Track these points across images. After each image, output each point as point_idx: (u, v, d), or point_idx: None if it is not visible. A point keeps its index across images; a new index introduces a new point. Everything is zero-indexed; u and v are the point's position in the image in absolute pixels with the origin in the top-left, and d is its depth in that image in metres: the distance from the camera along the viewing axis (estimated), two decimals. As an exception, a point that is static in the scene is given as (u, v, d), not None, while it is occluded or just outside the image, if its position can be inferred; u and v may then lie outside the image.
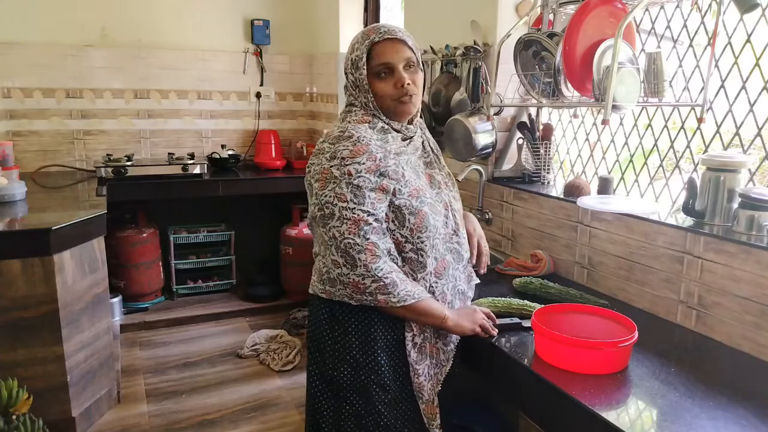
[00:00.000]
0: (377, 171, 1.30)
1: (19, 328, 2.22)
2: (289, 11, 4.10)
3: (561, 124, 2.32)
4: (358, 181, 1.28)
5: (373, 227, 1.29)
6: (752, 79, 1.61)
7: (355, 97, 1.39)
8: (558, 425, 1.27)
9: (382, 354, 1.37)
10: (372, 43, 1.33)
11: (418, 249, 1.35)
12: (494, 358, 1.44)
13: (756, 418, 1.13)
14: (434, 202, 1.39)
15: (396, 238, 1.34)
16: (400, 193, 1.32)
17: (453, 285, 1.44)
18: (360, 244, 1.27)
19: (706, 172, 1.56)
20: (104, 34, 3.66)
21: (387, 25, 1.36)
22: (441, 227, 1.39)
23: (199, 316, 3.64)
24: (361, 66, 1.34)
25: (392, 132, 1.38)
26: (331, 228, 1.29)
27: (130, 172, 3.39)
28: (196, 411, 2.64)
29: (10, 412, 1.88)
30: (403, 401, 1.40)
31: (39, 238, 2.20)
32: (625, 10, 1.75)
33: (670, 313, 1.63)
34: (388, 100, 1.36)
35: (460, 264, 1.47)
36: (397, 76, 1.34)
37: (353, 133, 1.32)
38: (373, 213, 1.29)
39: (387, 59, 1.33)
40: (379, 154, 1.31)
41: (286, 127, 4.24)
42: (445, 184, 1.48)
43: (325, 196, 1.30)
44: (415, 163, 1.42)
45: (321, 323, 1.41)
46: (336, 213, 1.28)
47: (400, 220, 1.33)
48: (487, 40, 2.30)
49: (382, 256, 1.29)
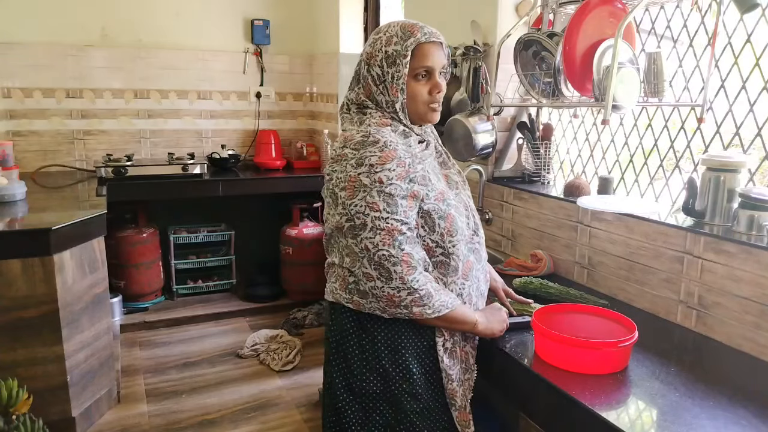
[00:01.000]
0: (407, 177, 1.25)
1: (19, 328, 2.22)
2: (289, 11, 4.10)
3: (561, 124, 2.32)
4: (390, 189, 1.22)
5: (407, 237, 1.24)
6: (752, 79, 1.60)
7: (377, 93, 1.31)
8: (558, 425, 1.27)
9: (413, 362, 1.33)
10: (418, 42, 1.27)
11: (449, 253, 1.32)
12: (494, 358, 1.44)
13: (756, 418, 1.13)
14: (457, 204, 1.37)
15: (426, 243, 1.31)
16: (428, 197, 1.29)
17: (476, 286, 1.42)
18: (395, 255, 1.22)
19: (706, 172, 1.56)
20: (104, 34, 3.67)
21: (428, 27, 1.31)
22: (465, 228, 1.37)
23: (199, 316, 3.64)
24: (403, 63, 1.27)
25: (413, 135, 1.33)
26: (363, 239, 1.23)
27: (130, 172, 3.39)
28: (196, 411, 2.64)
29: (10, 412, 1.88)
30: (435, 410, 1.37)
31: (39, 238, 2.20)
32: (625, 10, 1.75)
33: (670, 313, 1.63)
34: (420, 104, 1.31)
35: (481, 264, 1.44)
36: (434, 81, 1.30)
37: (378, 137, 1.25)
38: (406, 222, 1.24)
39: (430, 63, 1.29)
40: (408, 159, 1.26)
41: (286, 127, 4.24)
42: (461, 184, 1.46)
43: (355, 206, 1.23)
44: (434, 165, 1.40)
45: (347, 333, 1.35)
46: (368, 223, 1.22)
47: (430, 226, 1.30)
48: (487, 40, 2.30)
49: (417, 266, 1.24)
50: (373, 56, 1.30)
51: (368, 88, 1.33)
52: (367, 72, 1.32)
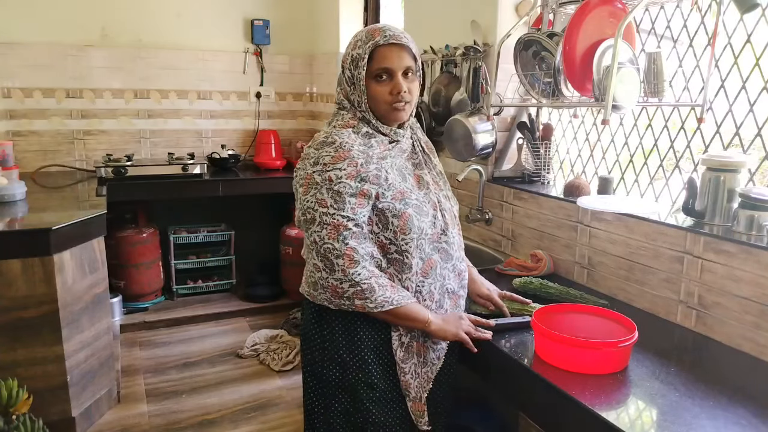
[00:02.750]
0: (358, 176, 1.30)
1: (19, 328, 2.22)
2: (289, 11, 4.10)
3: (561, 124, 2.32)
4: (338, 186, 1.29)
5: (352, 232, 1.30)
6: (752, 79, 1.60)
7: (348, 93, 1.39)
8: (558, 425, 1.27)
9: (369, 353, 1.39)
10: (376, 45, 1.32)
11: (402, 251, 1.35)
12: (494, 358, 1.44)
13: (756, 418, 1.13)
14: (420, 204, 1.39)
15: (380, 240, 1.35)
16: (383, 196, 1.33)
17: (441, 284, 1.44)
18: (338, 249, 1.28)
19: (706, 172, 1.56)
20: (104, 34, 3.67)
21: (392, 29, 1.35)
22: (428, 228, 1.39)
23: (199, 316, 3.64)
24: (362, 65, 1.33)
25: (378, 136, 1.38)
26: (313, 233, 1.31)
27: (130, 172, 3.39)
28: (196, 411, 2.64)
29: (10, 412, 1.88)
30: (393, 399, 1.41)
31: (39, 238, 2.20)
32: (625, 10, 1.75)
33: (670, 313, 1.63)
34: (382, 104, 1.35)
35: (449, 263, 1.46)
36: (395, 82, 1.34)
37: (336, 138, 1.32)
38: (353, 218, 1.30)
39: (388, 64, 1.33)
40: (360, 159, 1.31)
41: (286, 127, 4.24)
42: (435, 184, 1.48)
43: (307, 201, 1.32)
44: (401, 165, 1.42)
45: (310, 323, 1.44)
46: (317, 218, 1.30)
47: (383, 223, 1.34)
48: (487, 40, 2.30)
49: (360, 261, 1.30)
50: (345, 59, 1.39)
51: (344, 89, 1.40)
52: (342, 74, 1.40)
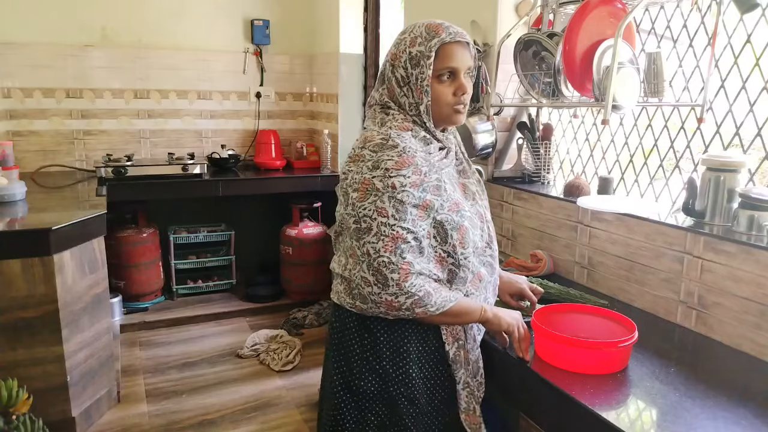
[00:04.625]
0: (421, 186, 1.22)
1: (19, 328, 2.22)
2: (289, 11, 4.09)
3: (561, 124, 2.32)
4: (402, 195, 1.20)
5: (410, 246, 1.22)
6: (752, 79, 1.61)
7: (401, 95, 1.29)
8: (558, 425, 1.27)
9: (414, 366, 1.33)
10: (443, 43, 1.24)
11: (459, 264, 1.29)
12: (494, 358, 1.44)
13: (756, 418, 1.13)
14: (472, 215, 1.33)
15: (439, 254, 1.28)
16: (442, 208, 1.26)
17: (484, 297, 1.39)
18: (395, 263, 1.20)
19: (706, 172, 1.56)
20: (104, 34, 3.67)
21: (454, 26, 1.28)
22: (479, 241, 1.34)
23: (199, 316, 3.64)
24: (427, 64, 1.24)
25: (434, 142, 1.31)
26: (366, 243, 1.21)
27: (130, 172, 3.39)
28: (196, 411, 2.64)
29: (10, 412, 1.88)
30: (429, 414, 1.36)
31: (39, 238, 2.20)
32: (625, 10, 1.75)
33: (670, 313, 1.63)
34: (444, 106, 1.28)
35: (492, 277, 1.42)
36: (459, 82, 1.27)
37: (398, 142, 1.23)
38: (413, 231, 1.21)
39: (455, 63, 1.25)
40: (425, 167, 1.24)
41: (286, 127, 4.24)
42: (478, 194, 1.42)
43: (365, 208, 1.21)
44: (451, 174, 1.36)
45: (350, 331, 1.35)
46: (374, 228, 1.20)
47: (442, 237, 1.27)
48: (487, 40, 2.30)
49: (415, 275, 1.22)
50: (397, 57, 1.29)
51: (392, 90, 1.31)
52: (391, 73, 1.30)
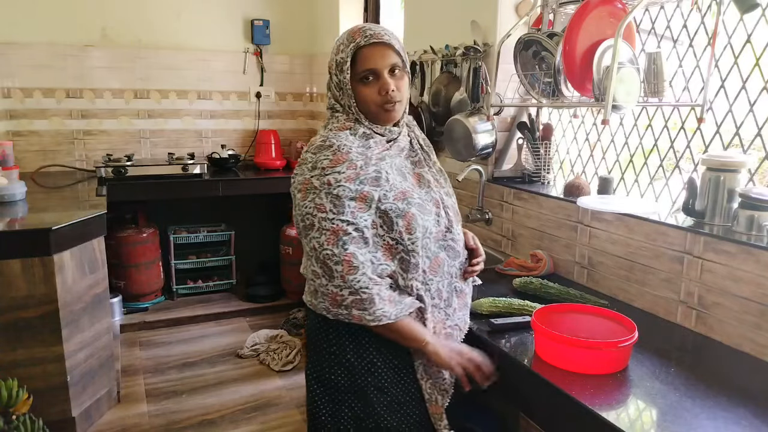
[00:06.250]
0: (357, 179, 1.27)
1: (19, 328, 2.22)
2: (289, 11, 4.10)
3: (561, 124, 2.32)
4: (337, 190, 1.25)
5: (352, 237, 1.26)
6: (752, 79, 1.60)
7: (338, 98, 1.37)
8: (558, 425, 1.27)
9: (378, 356, 1.36)
10: (357, 47, 1.29)
11: (409, 251, 1.32)
12: (494, 358, 1.44)
13: (756, 418, 1.13)
14: (423, 202, 1.36)
15: (387, 242, 1.32)
16: (386, 197, 1.30)
17: (449, 282, 1.42)
18: (337, 254, 1.25)
19: (706, 172, 1.56)
20: (104, 34, 3.67)
21: (373, 28, 1.32)
22: (432, 226, 1.36)
23: (199, 316, 3.64)
24: (345, 69, 1.30)
25: (375, 136, 1.35)
26: (312, 239, 1.28)
27: (130, 172, 3.39)
28: (196, 411, 2.64)
29: (10, 412, 1.88)
30: (407, 403, 1.39)
31: (39, 238, 2.20)
32: (625, 10, 1.75)
33: (670, 313, 1.63)
34: (372, 105, 1.33)
35: (457, 261, 1.44)
36: (382, 82, 1.31)
37: (333, 141, 1.30)
38: (353, 222, 1.26)
39: (372, 65, 1.30)
40: (359, 162, 1.28)
41: (286, 127, 4.24)
42: (436, 182, 1.45)
43: (306, 207, 1.28)
44: (401, 164, 1.40)
45: (317, 327, 1.41)
46: (315, 224, 1.27)
47: (388, 225, 1.31)
48: (487, 40, 2.30)
49: (360, 267, 1.26)
50: (330, 65, 1.37)
51: (334, 94, 1.39)
52: (330, 80, 1.39)
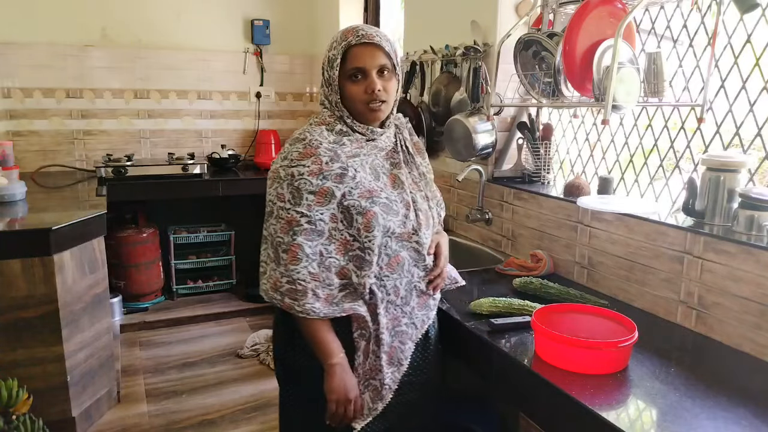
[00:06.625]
0: (320, 174, 1.30)
1: (19, 328, 2.22)
2: (289, 11, 4.10)
3: (561, 124, 2.32)
4: (298, 182, 1.30)
5: (303, 228, 1.30)
6: (752, 79, 1.60)
7: (327, 95, 1.40)
8: (558, 425, 1.27)
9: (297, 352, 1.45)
10: (348, 46, 1.33)
11: (365, 248, 1.34)
12: (494, 358, 1.44)
13: (756, 418, 1.13)
14: (390, 203, 1.37)
15: (344, 237, 1.35)
16: (350, 194, 1.33)
17: (408, 280, 1.42)
18: (286, 243, 1.30)
19: (706, 172, 1.56)
20: (104, 34, 3.67)
21: (366, 28, 1.36)
22: (397, 227, 1.38)
23: (199, 316, 3.64)
24: (335, 66, 1.35)
25: (353, 134, 1.38)
26: (270, 225, 1.35)
27: (130, 172, 3.39)
28: (196, 411, 2.64)
29: (10, 412, 1.88)
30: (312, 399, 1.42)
31: (39, 238, 2.20)
32: (625, 10, 1.75)
33: (670, 313, 1.63)
34: (358, 103, 1.36)
35: (421, 263, 1.44)
36: (369, 81, 1.34)
37: (307, 135, 1.34)
38: (307, 215, 1.30)
39: (360, 64, 1.34)
40: (326, 158, 1.32)
41: (286, 127, 4.24)
42: (414, 184, 1.47)
43: (270, 194, 1.35)
44: (377, 163, 1.41)
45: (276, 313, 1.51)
46: (275, 211, 1.33)
47: (348, 221, 1.34)
48: (487, 40, 2.30)
49: (303, 259, 1.30)
50: (323, 61, 1.40)
51: (324, 89, 1.42)
52: (321, 75, 1.42)
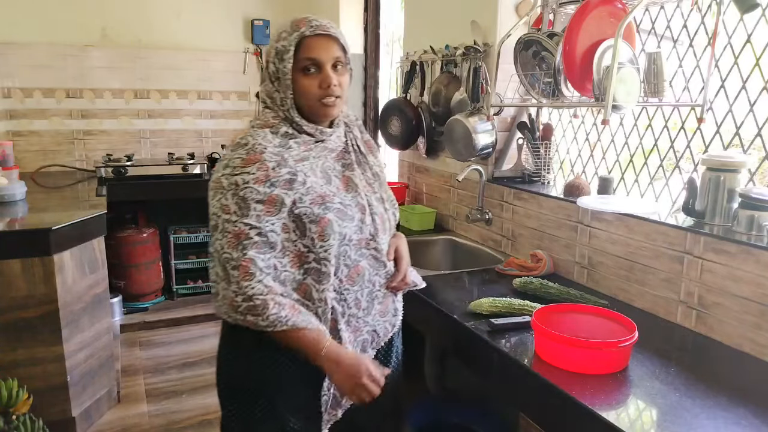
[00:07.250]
0: (267, 181, 1.20)
1: (19, 328, 2.22)
2: (289, 11, 4.09)
3: (561, 124, 2.32)
4: (244, 192, 1.19)
5: (254, 241, 1.19)
6: (752, 79, 1.60)
7: (271, 91, 1.30)
8: (558, 425, 1.27)
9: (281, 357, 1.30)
10: (302, 36, 1.24)
11: (321, 259, 1.24)
12: (494, 358, 1.44)
13: (756, 418, 1.13)
14: (345, 208, 1.28)
15: (298, 249, 1.25)
16: (301, 201, 1.23)
17: (369, 290, 1.34)
18: (235, 259, 1.18)
19: (706, 172, 1.56)
20: (104, 34, 3.67)
21: (319, 19, 1.27)
22: (353, 234, 1.29)
23: (199, 316, 3.64)
24: (287, 58, 1.24)
25: (300, 136, 1.28)
26: (216, 241, 1.22)
27: (130, 172, 3.39)
28: (196, 411, 2.64)
29: (10, 412, 1.88)
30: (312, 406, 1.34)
31: (39, 238, 2.20)
32: (625, 10, 1.75)
33: (670, 313, 1.63)
34: (311, 99, 1.27)
35: (382, 270, 1.36)
36: (324, 74, 1.25)
37: (249, 140, 1.23)
38: (256, 227, 1.19)
39: (315, 54, 1.24)
40: (272, 163, 1.21)
41: (286, 127, 4.24)
42: (368, 186, 1.37)
43: (212, 206, 1.23)
44: (327, 166, 1.32)
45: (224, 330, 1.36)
46: (219, 225, 1.21)
47: (301, 230, 1.24)
48: (487, 40, 2.30)
49: (257, 274, 1.18)
50: (269, 53, 1.30)
51: (267, 86, 1.31)
52: (266, 70, 1.31)
